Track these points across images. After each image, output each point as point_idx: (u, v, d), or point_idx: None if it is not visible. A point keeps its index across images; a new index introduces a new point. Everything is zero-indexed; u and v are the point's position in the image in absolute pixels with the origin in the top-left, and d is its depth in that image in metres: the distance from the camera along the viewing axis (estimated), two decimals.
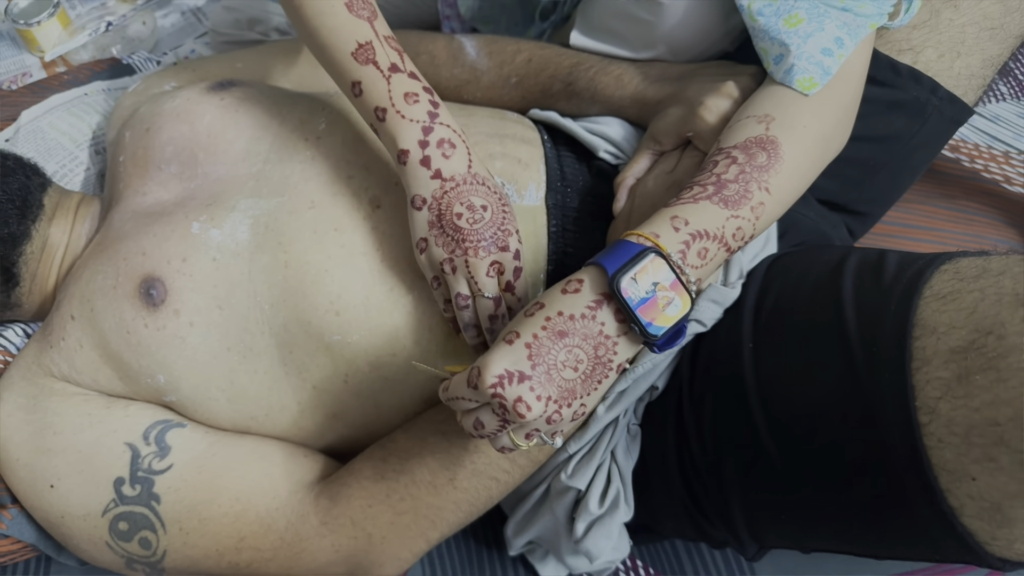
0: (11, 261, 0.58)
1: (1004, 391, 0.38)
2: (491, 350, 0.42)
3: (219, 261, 0.52)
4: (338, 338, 0.52)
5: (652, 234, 0.43)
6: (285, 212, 0.53)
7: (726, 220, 0.45)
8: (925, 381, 0.41)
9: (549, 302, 0.43)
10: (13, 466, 0.53)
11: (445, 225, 0.47)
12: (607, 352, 0.42)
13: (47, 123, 0.79)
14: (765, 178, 0.46)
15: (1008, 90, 0.93)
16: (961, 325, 0.40)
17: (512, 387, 0.40)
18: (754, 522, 0.50)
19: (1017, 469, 0.37)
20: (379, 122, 0.49)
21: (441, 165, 0.48)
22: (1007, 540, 0.40)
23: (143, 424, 0.52)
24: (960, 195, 0.85)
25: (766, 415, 0.47)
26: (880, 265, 0.47)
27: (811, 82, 0.50)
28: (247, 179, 0.55)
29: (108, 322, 0.52)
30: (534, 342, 0.41)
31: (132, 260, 0.53)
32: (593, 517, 0.53)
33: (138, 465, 0.51)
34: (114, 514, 0.51)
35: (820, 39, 0.51)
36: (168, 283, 0.52)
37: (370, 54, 0.49)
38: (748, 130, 0.49)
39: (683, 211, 0.45)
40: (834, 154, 0.53)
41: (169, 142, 0.58)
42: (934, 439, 0.40)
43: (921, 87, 0.59)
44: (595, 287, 0.42)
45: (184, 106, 0.59)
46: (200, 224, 0.53)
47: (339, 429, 0.56)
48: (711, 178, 0.46)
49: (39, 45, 1.07)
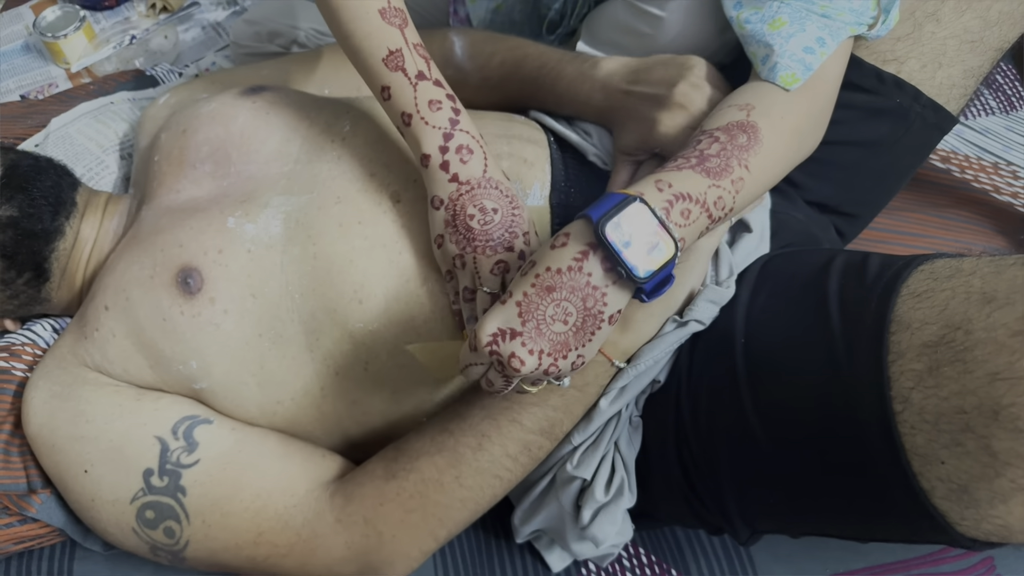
0: (43, 257, 0.61)
1: (970, 381, 0.40)
2: (486, 312, 0.44)
3: (253, 253, 0.56)
4: (360, 325, 0.55)
5: (636, 192, 0.44)
6: (314, 208, 0.57)
7: (708, 188, 0.46)
8: (900, 372, 0.43)
9: (539, 258, 0.44)
10: (49, 451, 0.56)
11: (459, 225, 0.51)
12: (596, 303, 0.43)
13: (75, 129, 0.82)
14: (745, 156, 0.49)
15: (997, 104, 0.96)
16: (933, 321, 0.43)
17: (505, 344, 0.43)
18: (746, 508, 0.53)
19: (982, 453, 0.40)
20: (405, 126, 0.53)
21: (458, 170, 0.52)
22: (974, 520, 0.43)
23: (172, 419, 0.54)
24: (951, 204, 0.88)
25: (755, 407, 0.50)
26: (864, 266, 0.50)
27: (793, 77, 0.53)
28: (279, 177, 0.59)
29: (144, 310, 0.55)
30: (523, 299, 0.43)
31: (169, 251, 0.56)
32: (599, 504, 0.56)
33: (167, 458, 0.53)
34: (142, 502, 0.53)
35: (802, 39, 0.54)
36: (205, 273, 0.55)
37: (399, 61, 0.52)
38: (730, 116, 0.51)
39: (667, 176, 0.46)
40: (808, 151, 0.56)
41: (204, 142, 0.61)
42: (907, 426, 0.43)
43: (904, 94, 0.62)
44: (581, 238, 0.43)
45: (219, 109, 0.63)
46: (235, 219, 0.57)
47: (357, 416, 0.59)
48: (694, 152, 0.49)
49: (65, 57, 1.11)
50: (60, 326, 0.68)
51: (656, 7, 0.62)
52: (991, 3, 0.61)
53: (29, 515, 0.59)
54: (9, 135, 0.83)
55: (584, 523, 0.56)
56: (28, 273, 0.62)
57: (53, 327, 0.68)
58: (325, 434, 0.60)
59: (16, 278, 0.61)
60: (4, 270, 0.60)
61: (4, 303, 0.63)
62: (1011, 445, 0.39)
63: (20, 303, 0.64)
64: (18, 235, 0.60)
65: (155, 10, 1.19)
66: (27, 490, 0.58)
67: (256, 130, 0.61)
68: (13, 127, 0.85)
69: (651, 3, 0.62)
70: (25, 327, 0.67)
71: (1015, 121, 0.94)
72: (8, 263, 0.60)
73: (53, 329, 0.67)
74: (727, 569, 0.64)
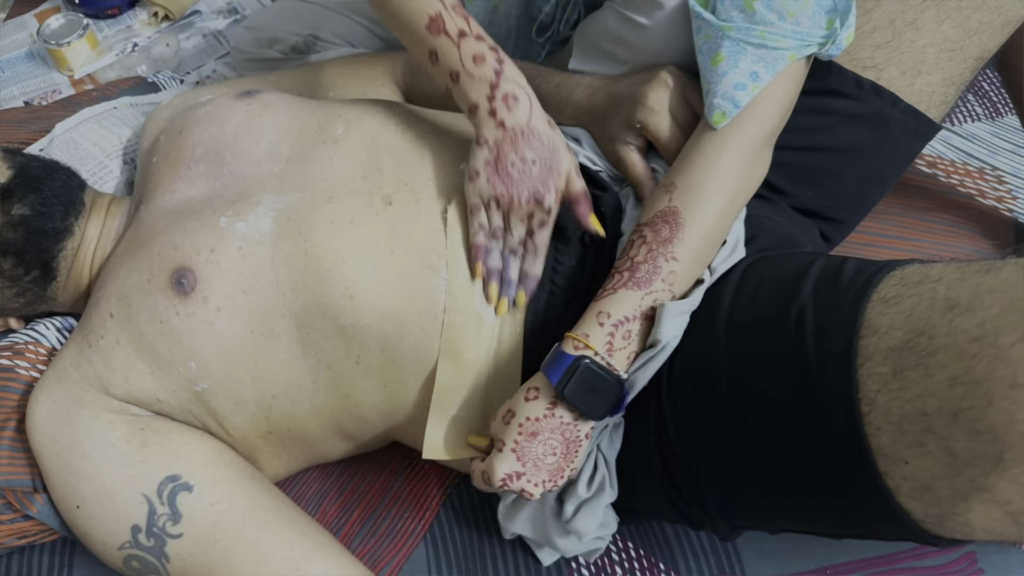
0: (52, 255, 0.63)
1: (931, 385, 0.42)
2: (490, 459, 0.55)
3: (244, 250, 0.57)
4: (351, 321, 0.57)
5: (583, 335, 0.54)
6: (305, 206, 0.58)
7: (641, 299, 0.54)
8: (867, 376, 0.45)
9: (518, 410, 0.54)
10: (47, 474, 0.57)
11: (499, 169, 0.56)
12: (573, 432, 0.54)
13: (79, 134, 0.84)
14: (670, 250, 0.55)
15: (983, 111, 0.98)
16: (899, 326, 0.45)
17: (515, 483, 0.54)
18: (724, 504, 0.55)
19: (942, 454, 0.42)
20: (453, 84, 0.57)
21: (504, 116, 0.56)
22: (937, 518, 0.44)
23: (157, 477, 0.55)
24: (937, 208, 0.90)
25: (733, 406, 0.52)
26: (840, 270, 0.52)
27: (722, 116, 0.57)
28: (270, 177, 0.61)
29: (143, 315, 0.56)
30: (517, 447, 0.54)
31: (165, 254, 0.57)
32: (581, 499, 0.58)
33: (154, 521, 0.55)
34: (128, 553, 0.55)
35: (734, 76, 0.56)
36: (198, 272, 0.56)
37: (440, 24, 0.56)
38: (656, 204, 0.57)
39: (606, 305, 0.55)
40: (751, 189, 0.60)
41: (199, 143, 0.63)
42: (873, 427, 0.44)
43: (883, 101, 0.64)
44: (547, 393, 0.54)
45: (214, 111, 0.65)
46: (227, 218, 0.58)
47: (350, 408, 0.60)
48: (627, 263, 0.56)
49: (68, 64, 1.13)
50: (64, 325, 0.69)
51: (642, 15, 0.63)
52: (971, 13, 0.62)
53: (30, 513, 0.60)
54: (14, 140, 0.84)
55: (567, 517, 0.58)
56: (36, 271, 0.63)
57: (57, 327, 0.69)
58: (319, 427, 0.61)
59: (24, 276, 0.63)
60: (12, 267, 0.62)
61: (10, 300, 0.65)
62: (969, 446, 0.40)
63: (26, 301, 0.65)
64: (29, 233, 0.61)
65: (157, 18, 1.21)
66: (31, 487, 0.60)
67: (249, 131, 0.63)
68: (17, 132, 0.87)
69: (637, 12, 0.64)
70: (29, 326, 0.68)
71: (1000, 127, 0.96)
72: (17, 260, 0.62)
73: (57, 329, 0.69)
74: (714, 564, 0.65)
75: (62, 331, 0.69)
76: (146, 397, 0.58)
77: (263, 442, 0.61)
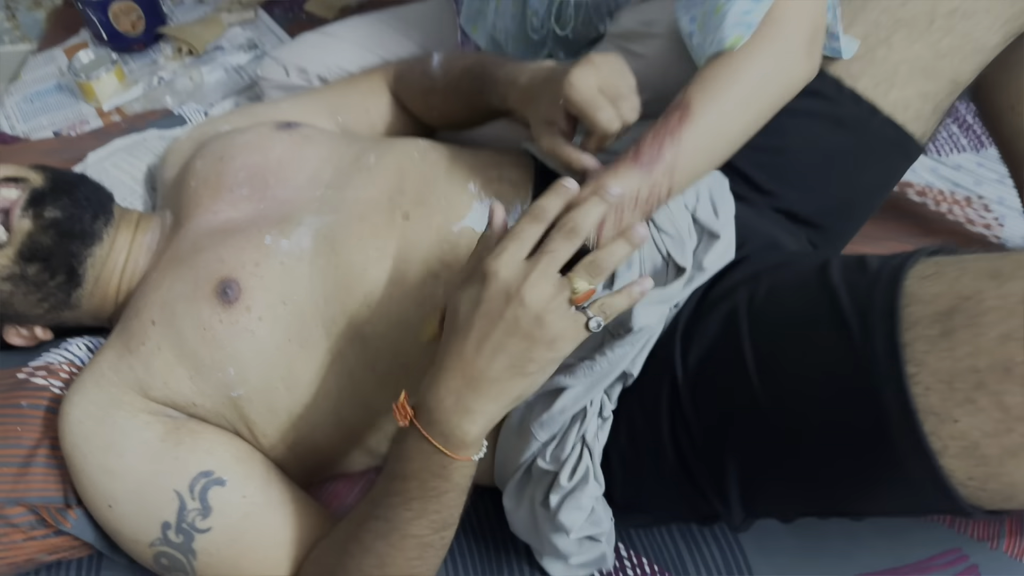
0: (79, 260, 0.65)
1: (984, 342, 0.44)
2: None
3: (286, 264, 0.61)
4: (369, 328, 0.61)
5: None
6: (340, 225, 0.63)
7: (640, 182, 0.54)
8: (914, 339, 0.46)
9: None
10: (79, 475, 0.59)
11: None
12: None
13: (110, 163, 0.88)
14: (677, 135, 0.55)
15: (968, 142, 1.03)
16: (945, 293, 0.47)
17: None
18: (748, 488, 0.55)
19: (995, 409, 0.43)
20: None
21: None
22: (982, 479, 0.45)
23: (190, 472, 0.57)
24: (927, 233, 0.94)
25: (763, 385, 0.52)
26: (862, 263, 0.54)
27: (738, 39, 0.57)
28: (311, 200, 0.65)
29: (186, 321, 0.59)
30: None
31: (211, 267, 0.61)
32: (565, 491, 0.58)
33: (184, 516, 0.57)
34: (158, 550, 0.57)
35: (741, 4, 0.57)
36: (243, 283, 0.60)
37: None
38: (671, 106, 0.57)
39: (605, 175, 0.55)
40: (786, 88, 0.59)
41: (242, 168, 0.67)
42: (921, 387, 0.46)
43: (860, 108, 0.67)
44: None
45: (256, 140, 0.69)
46: (272, 236, 0.62)
47: (370, 419, 0.63)
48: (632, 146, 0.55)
49: (96, 96, 1.18)
50: (96, 345, 0.71)
51: (640, 46, 0.68)
52: (941, 36, 0.66)
53: (64, 529, 0.62)
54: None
55: (552, 509, 0.59)
56: (61, 276, 0.65)
57: (89, 347, 0.71)
58: (343, 439, 0.64)
59: (49, 280, 0.64)
60: (38, 272, 0.64)
61: (33, 306, 0.66)
62: (1023, 399, 0.43)
63: (50, 306, 0.66)
64: (58, 235, 0.63)
65: (181, 53, 1.27)
66: (64, 504, 0.62)
67: (292, 159, 0.67)
68: (48, 160, 0.90)
69: (633, 43, 0.68)
70: (62, 347, 0.70)
71: (985, 158, 1.01)
72: (44, 265, 0.64)
73: (89, 349, 0.71)
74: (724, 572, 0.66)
75: (94, 351, 0.71)
76: (183, 400, 0.60)
77: (290, 452, 0.64)
